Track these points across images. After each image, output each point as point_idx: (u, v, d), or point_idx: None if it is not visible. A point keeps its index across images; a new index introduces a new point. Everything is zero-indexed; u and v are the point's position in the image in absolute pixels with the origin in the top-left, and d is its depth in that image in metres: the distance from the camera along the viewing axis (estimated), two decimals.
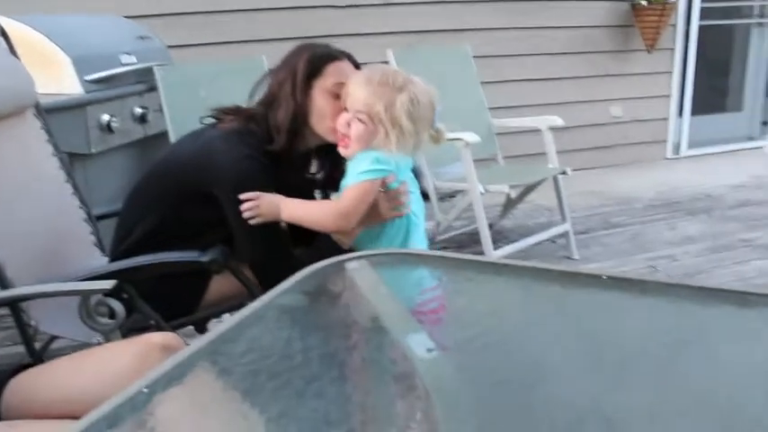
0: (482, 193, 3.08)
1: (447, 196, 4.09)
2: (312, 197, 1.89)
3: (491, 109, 3.83)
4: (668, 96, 5.54)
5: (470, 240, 3.67)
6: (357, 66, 1.75)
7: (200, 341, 0.89)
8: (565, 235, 3.52)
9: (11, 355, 2.43)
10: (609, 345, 0.95)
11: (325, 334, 0.95)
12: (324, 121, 1.66)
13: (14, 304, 1.54)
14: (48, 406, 1.20)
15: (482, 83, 3.83)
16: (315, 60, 1.67)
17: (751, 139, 6.12)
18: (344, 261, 1.15)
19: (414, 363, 0.84)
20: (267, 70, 1.86)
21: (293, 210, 1.61)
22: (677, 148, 5.75)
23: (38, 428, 1.19)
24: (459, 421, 0.74)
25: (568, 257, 3.50)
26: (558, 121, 3.42)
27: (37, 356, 1.52)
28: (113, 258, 1.75)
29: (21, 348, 1.64)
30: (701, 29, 5.50)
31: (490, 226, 3.84)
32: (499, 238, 3.70)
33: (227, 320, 0.94)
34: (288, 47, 3.97)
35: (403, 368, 0.84)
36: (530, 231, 3.69)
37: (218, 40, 3.94)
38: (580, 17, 4.98)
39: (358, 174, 1.57)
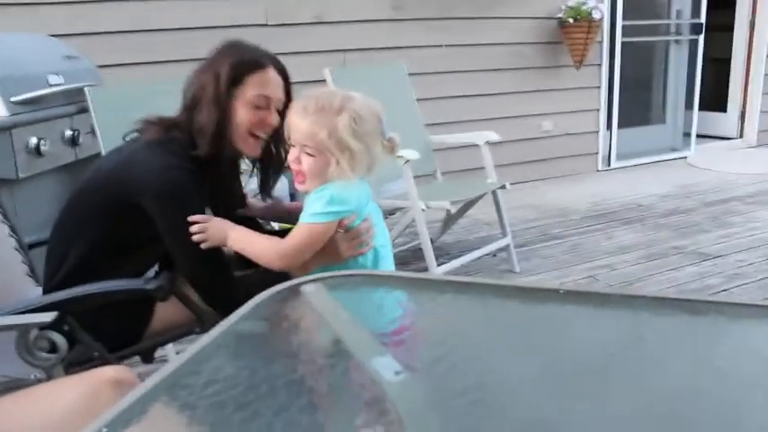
0: (423, 210, 3.09)
1: (387, 214, 4.09)
2: (242, 204, 1.87)
3: (428, 125, 3.86)
4: (597, 110, 5.71)
5: (413, 257, 3.67)
6: (284, 72, 1.73)
7: (158, 374, 0.85)
8: (506, 249, 3.56)
9: None
10: (573, 359, 0.95)
11: (289, 361, 0.92)
12: (239, 130, 1.65)
13: None
14: None
15: (418, 100, 3.86)
16: (238, 68, 1.65)
17: (674, 150, 6.38)
18: (299, 285, 1.12)
19: (383, 386, 0.82)
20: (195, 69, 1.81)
21: (239, 240, 1.57)
22: (607, 160, 5.93)
23: None
24: None
25: (510, 270, 3.55)
26: (493, 136, 3.47)
27: None
28: (48, 289, 1.67)
29: None
30: (624, 45, 5.70)
31: (431, 242, 3.87)
32: (440, 254, 3.72)
33: (186, 351, 0.90)
34: None
35: (372, 393, 0.82)
36: (470, 246, 3.73)
37: (150, 60, 3.85)
38: (511, 34, 5.09)
39: (310, 215, 1.52)
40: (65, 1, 3.71)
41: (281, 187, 2.67)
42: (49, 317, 1.29)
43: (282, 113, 1.66)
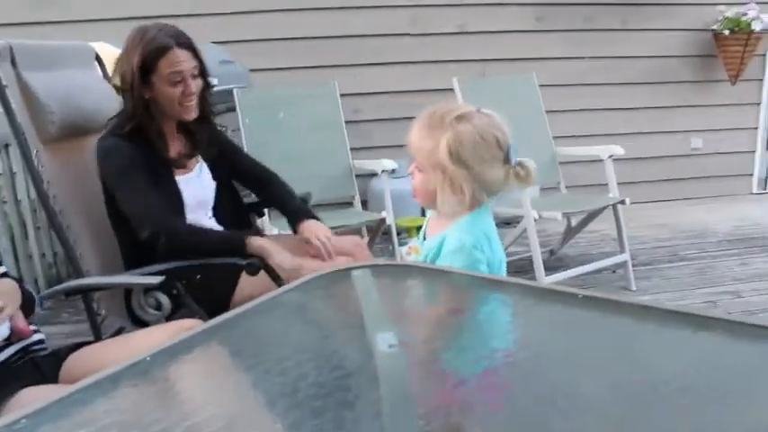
0: (536, 220, 3.16)
1: (512, 222, 4.17)
2: (171, 179, 2.03)
3: (561, 137, 3.89)
4: (755, 129, 5.41)
5: (530, 265, 3.73)
6: (186, 43, 1.98)
7: (205, 325, 1.06)
8: (623, 265, 3.53)
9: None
10: (567, 362, 1.04)
11: (313, 328, 1.11)
12: (173, 104, 1.96)
13: (85, 293, 1.79)
14: (95, 371, 1.40)
15: (554, 111, 3.90)
16: (147, 57, 1.91)
17: None
18: (352, 269, 1.30)
19: (374, 356, 0.98)
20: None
21: None
22: (764, 182, 5.59)
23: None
24: (399, 406, 0.87)
25: (626, 288, 3.51)
26: (618, 150, 3.45)
27: (97, 337, 1.75)
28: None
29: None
30: None
31: (551, 253, 3.91)
32: (560, 265, 3.75)
33: (235, 310, 1.12)
34: (360, 72, 4.23)
35: (365, 359, 0.98)
36: (591, 260, 3.72)
37: (297, 65, 4.19)
38: (655, 47, 4.97)
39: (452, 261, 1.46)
40: (225, 12, 4.14)
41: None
42: (156, 280, 1.57)
43: (203, 74, 2.02)
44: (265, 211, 2.58)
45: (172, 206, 1.96)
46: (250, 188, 2.32)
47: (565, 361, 1.01)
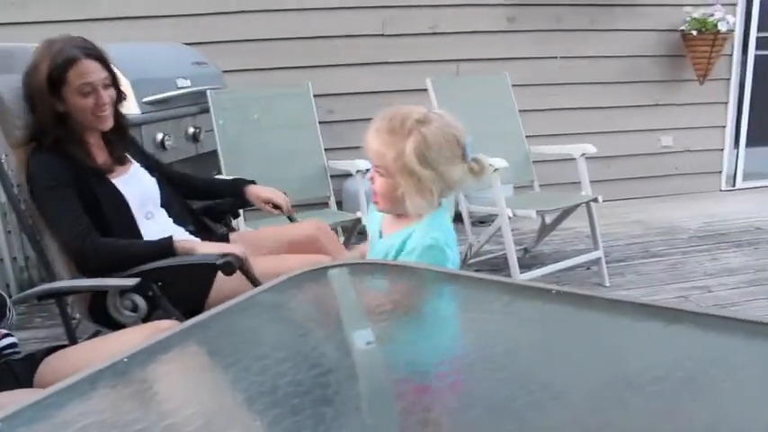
0: (510, 218, 3.19)
1: (487, 221, 4.20)
2: (108, 182, 2.04)
3: (534, 137, 3.93)
4: (723, 127, 5.50)
5: (504, 263, 3.76)
6: (94, 53, 1.98)
7: (182, 325, 1.06)
8: (597, 262, 3.58)
9: None
10: (545, 356, 1.06)
11: (291, 326, 1.11)
12: (86, 115, 1.97)
13: (59, 297, 1.77)
14: (71, 374, 1.39)
15: (527, 111, 3.94)
16: (54, 72, 1.91)
17: None
18: (328, 267, 1.31)
19: (353, 352, 0.99)
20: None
21: None
22: (732, 179, 5.69)
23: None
24: (377, 402, 0.88)
25: (600, 284, 3.56)
26: (590, 148, 3.49)
27: (72, 341, 1.73)
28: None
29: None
30: (758, 59, 5.45)
31: (526, 251, 3.94)
32: (535, 263, 3.79)
33: (214, 309, 1.12)
34: (336, 74, 4.23)
35: (342, 357, 0.99)
36: (565, 257, 3.76)
37: (270, 66, 4.19)
38: (627, 47, 5.04)
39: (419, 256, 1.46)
40: (198, 13, 4.12)
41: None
42: (132, 282, 1.56)
43: (115, 84, 2.03)
44: (240, 212, 2.57)
45: (112, 212, 1.98)
46: (180, 190, 2.31)
47: (541, 355, 1.02)
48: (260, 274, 1.76)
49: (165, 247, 1.86)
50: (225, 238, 2.23)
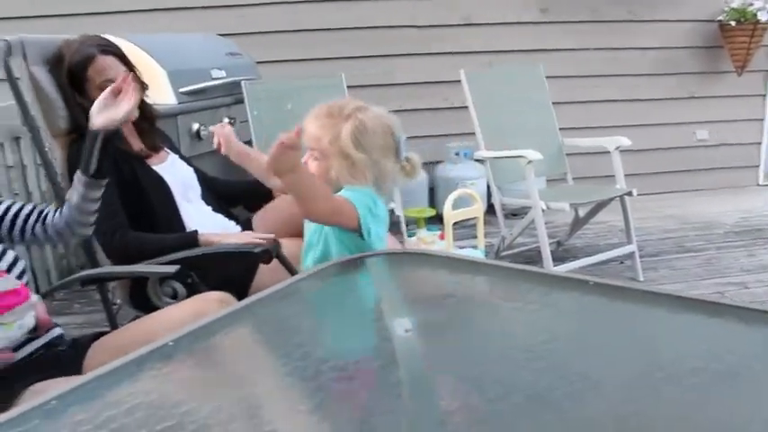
0: (543, 210, 3.18)
1: (519, 213, 4.19)
2: (149, 168, 2.08)
3: (568, 129, 3.90)
4: (761, 120, 5.40)
5: (537, 256, 3.75)
6: (110, 49, 2.03)
7: (225, 310, 1.09)
8: (631, 256, 3.55)
9: None
10: (583, 347, 1.06)
11: (333, 312, 1.13)
12: None
13: (101, 282, 1.82)
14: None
15: (561, 103, 3.91)
16: (74, 70, 1.96)
17: None
18: (367, 256, 1.33)
19: (391, 340, 1.00)
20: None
21: (304, 177, 1.42)
22: None
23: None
24: (417, 388, 0.89)
25: (633, 279, 3.53)
26: (625, 141, 3.46)
27: (113, 326, 1.77)
28: None
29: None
30: None
31: (559, 244, 3.92)
32: (567, 256, 3.77)
33: (257, 294, 1.14)
34: (368, 65, 4.22)
35: (381, 343, 1.00)
36: (598, 251, 3.73)
37: (301, 57, 4.21)
38: (663, 38, 4.96)
39: (354, 197, 1.46)
40: (232, 4, 4.16)
41: None
42: (172, 269, 1.59)
43: (135, 76, 2.05)
44: None
45: (155, 196, 2.03)
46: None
47: (578, 345, 1.03)
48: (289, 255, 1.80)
49: (191, 240, 1.91)
50: (248, 222, 2.27)
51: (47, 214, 1.63)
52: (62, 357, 1.46)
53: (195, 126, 2.97)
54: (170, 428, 0.80)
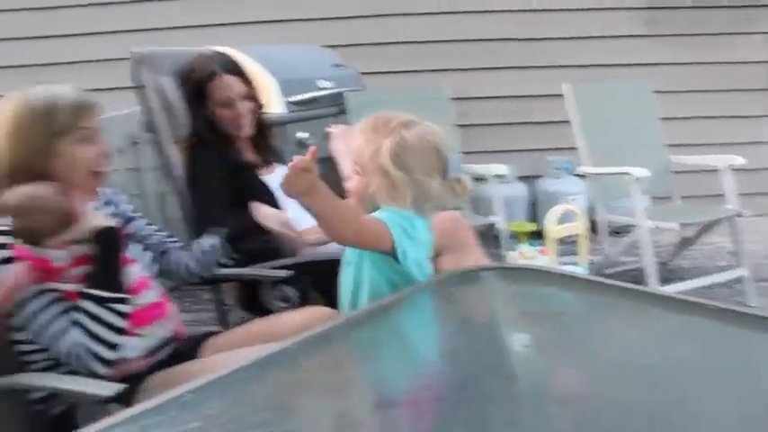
0: (651, 230, 3.08)
1: (621, 231, 4.08)
2: (258, 178, 2.17)
3: (673, 146, 3.77)
4: None
5: (641, 275, 3.63)
6: (233, 69, 2.17)
7: (344, 318, 1.12)
8: (741, 280, 3.39)
9: None
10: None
11: (450, 323, 1.14)
12: (230, 124, 2.15)
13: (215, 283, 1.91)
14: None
15: (665, 119, 3.79)
16: (199, 85, 2.10)
17: None
18: (479, 270, 1.33)
19: (511, 355, 1.00)
20: None
21: (324, 198, 1.35)
22: None
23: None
24: (535, 403, 0.89)
25: (744, 304, 3.37)
26: (739, 160, 3.31)
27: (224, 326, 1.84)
28: None
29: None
30: None
31: (663, 264, 3.79)
32: (673, 277, 3.64)
33: (374, 303, 1.17)
34: (471, 77, 4.20)
35: (500, 357, 1.01)
36: (705, 273, 3.59)
37: (405, 69, 4.25)
38: None
39: (386, 218, 1.38)
40: (338, 16, 4.25)
41: None
42: (283, 274, 1.65)
43: (252, 95, 2.20)
44: None
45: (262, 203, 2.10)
46: None
47: (695, 370, 1.00)
48: None
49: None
50: None
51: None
52: (180, 352, 1.53)
53: (300, 135, 3.06)
54: (297, 429, 0.83)
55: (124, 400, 1.28)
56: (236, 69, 2.21)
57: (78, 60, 4.25)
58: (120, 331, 1.35)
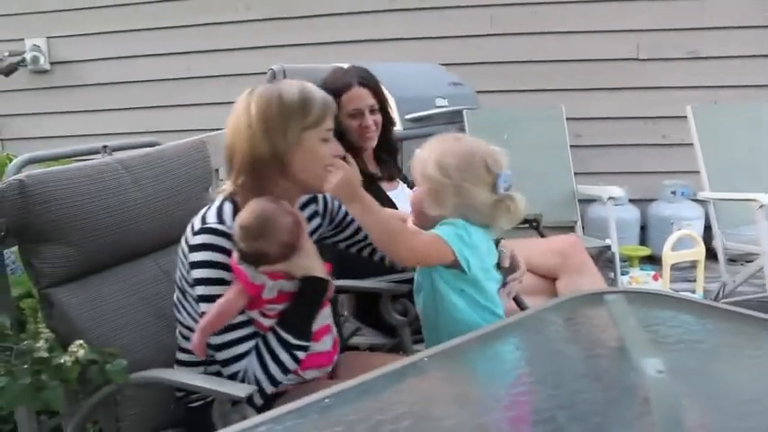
0: None
1: (742, 260, 3.90)
2: (382, 191, 2.16)
3: None
4: None
5: (760, 308, 3.45)
6: (367, 82, 2.16)
7: (473, 334, 1.14)
8: None
9: None
10: None
11: (579, 345, 1.15)
12: (352, 134, 2.14)
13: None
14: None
15: None
16: (331, 93, 2.01)
17: None
18: (604, 293, 1.33)
19: (644, 380, 1.00)
20: None
21: (370, 208, 1.44)
22: None
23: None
24: (672, 430, 0.89)
25: None
26: None
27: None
28: None
29: None
30: None
31: None
32: None
33: (495, 324, 1.19)
34: (585, 98, 4.16)
35: (634, 382, 1.01)
36: None
37: (519, 88, 4.24)
38: None
39: (443, 231, 1.42)
40: (454, 35, 4.30)
41: None
42: (404, 288, 1.69)
43: (383, 108, 2.21)
44: None
45: None
46: None
47: None
48: None
49: None
50: None
51: None
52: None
53: (419, 151, 3.11)
54: None
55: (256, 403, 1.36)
56: (370, 82, 2.22)
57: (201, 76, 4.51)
58: (288, 372, 1.39)
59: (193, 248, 1.39)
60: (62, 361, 1.37)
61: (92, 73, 4.70)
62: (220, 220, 1.39)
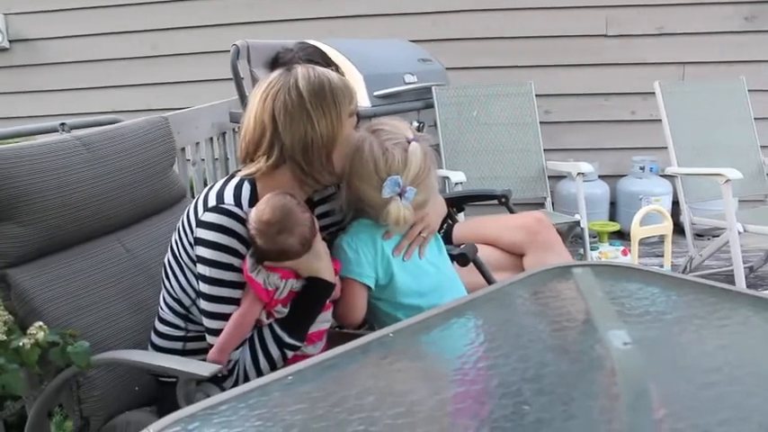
0: (740, 233, 2.98)
1: (709, 234, 3.96)
2: None
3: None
4: None
5: (726, 281, 3.51)
6: (321, 62, 2.11)
7: (439, 309, 1.13)
8: None
9: None
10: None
11: (545, 319, 1.14)
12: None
13: None
14: None
15: (761, 119, 3.65)
16: None
17: None
18: (572, 266, 1.33)
19: (611, 351, 1.00)
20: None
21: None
22: None
23: None
24: (638, 401, 0.89)
25: None
26: None
27: None
28: None
29: None
30: None
31: (750, 269, 3.66)
32: (761, 284, 3.52)
33: (465, 297, 1.18)
34: (554, 74, 4.17)
35: (600, 354, 1.00)
36: None
37: (492, 65, 4.23)
38: None
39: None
40: (424, 11, 4.27)
41: None
42: None
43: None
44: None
45: None
46: None
47: None
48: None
49: None
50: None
51: None
52: None
53: None
54: (401, 414, 0.85)
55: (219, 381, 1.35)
56: (319, 60, 2.20)
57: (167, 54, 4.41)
58: (275, 368, 1.37)
59: (203, 225, 1.35)
60: (21, 344, 1.34)
61: (53, 51, 4.58)
62: (238, 202, 1.35)
